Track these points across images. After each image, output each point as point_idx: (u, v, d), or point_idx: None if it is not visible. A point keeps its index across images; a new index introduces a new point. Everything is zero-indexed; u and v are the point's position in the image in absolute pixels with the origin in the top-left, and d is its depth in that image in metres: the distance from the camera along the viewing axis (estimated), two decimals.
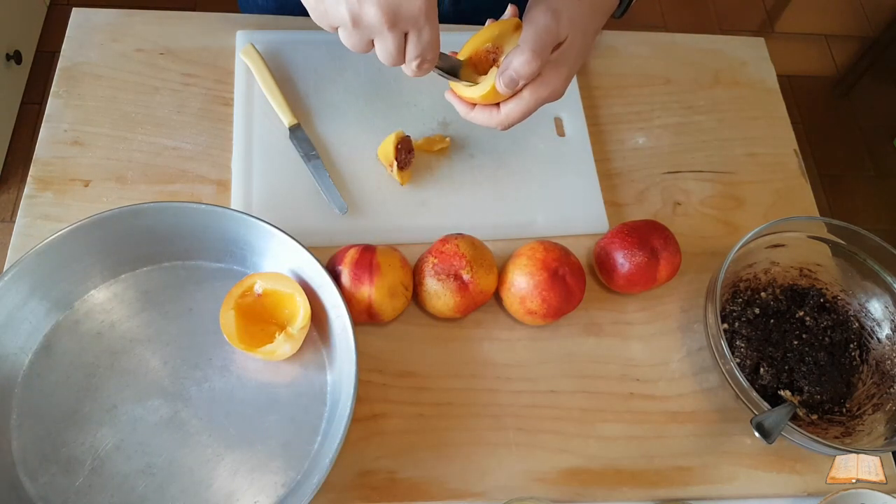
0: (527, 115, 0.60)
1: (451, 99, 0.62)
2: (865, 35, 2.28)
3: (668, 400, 0.67)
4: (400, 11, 0.50)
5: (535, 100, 0.58)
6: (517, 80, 0.56)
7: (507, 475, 0.62)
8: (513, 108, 0.59)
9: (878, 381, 0.68)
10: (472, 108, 0.61)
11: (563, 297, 0.64)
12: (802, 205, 0.80)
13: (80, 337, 0.62)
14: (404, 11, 0.50)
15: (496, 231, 0.72)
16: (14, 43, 1.67)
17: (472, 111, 0.61)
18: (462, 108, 0.62)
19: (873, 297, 0.71)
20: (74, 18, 0.78)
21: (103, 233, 0.61)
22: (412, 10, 0.50)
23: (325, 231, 0.69)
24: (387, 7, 0.50)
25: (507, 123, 0.60)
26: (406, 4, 0.50)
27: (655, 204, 0.77)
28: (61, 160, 0.71)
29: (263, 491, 0.58)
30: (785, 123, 0.85)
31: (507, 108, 0.59)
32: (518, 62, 0.55)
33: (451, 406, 0.64)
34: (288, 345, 0.60)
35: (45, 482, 0.56)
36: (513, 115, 0.59)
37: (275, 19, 0.81)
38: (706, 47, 0.89)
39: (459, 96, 0.61)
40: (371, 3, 0.50)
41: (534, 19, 0.55)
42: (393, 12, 0.50)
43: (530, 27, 0.55)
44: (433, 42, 0.53)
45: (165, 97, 0.75)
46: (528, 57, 0.54)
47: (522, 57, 0.54)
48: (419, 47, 0.53)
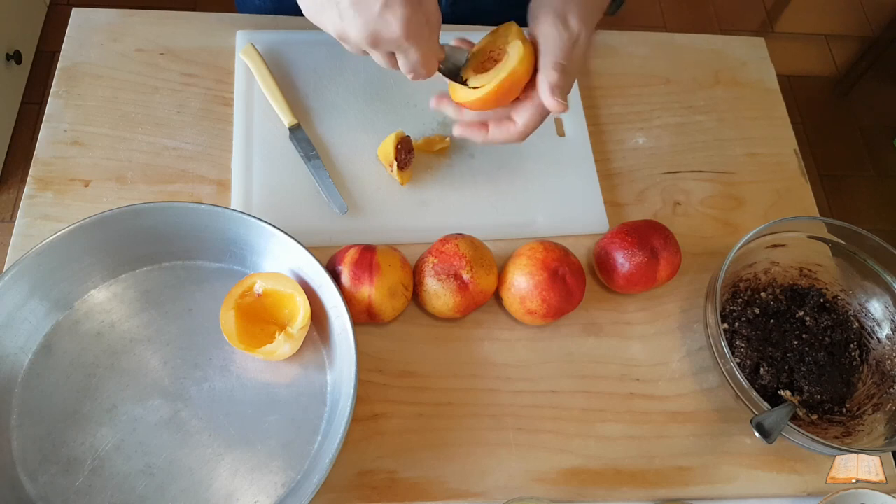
0: (543, 120, 0.60)
1: (463, 132, 0.62)
2: (865, 35, 2.28)
3: (668, 400, 0.67)
4: (380, 36, 0.51)
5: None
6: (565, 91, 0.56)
7: (507, 475, 0.62)
8: (530, 117, 0.59)
9: (878, 381, 0.68)
10: (485, 132, 0.61)
11: (563, 297, 0.64)
12: (802, 205, 0.80)
13: (80, 337, 0.62)
14: (384, 36, 0.51)
15: (496, 231, 0.72)
16: (14, 43, 1.67)
17: (488, 135, 0.61)
18: (479, 136, 0.61)
19: (873, 297, 0.71)
20: (74, 18, 0.78)
21: (103, 233, 0.61)
22: (391, 34, 0.51)
23: (325, 231, 0.69)
24: (366, 32, 0.51)
25: (525, 134, 0.60)
26: (384, 30, 0.51)
27: (655, 204, 0.77)
28: (61, 160, 0.71)
29: (263, 491, 0.58)
30: (785, 123, 0.85)
31: (523, 118, 0.59)
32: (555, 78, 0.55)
33: (451, 406, 0.64)
34: (288, 345, 0.60)
35: (45, 482, 0.56)
36: (531, 124, 0.59)
37: (274, 19, 0.81)
38: (706, 47, 0.89)
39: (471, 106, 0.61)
40: (352, 26, 0.51)
41: (548, 34, 0.55)
42: (373, 36, 0.51)
43: (548, 41, 0.55)
44: (422, 61, 0.54)
45: (165, 97, 0.75)
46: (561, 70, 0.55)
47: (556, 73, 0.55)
48: (407, 65, 0.54)
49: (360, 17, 0.50)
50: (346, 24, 0.51)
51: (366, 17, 0.50)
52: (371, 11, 0.50)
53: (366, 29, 0.51)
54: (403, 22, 0.50)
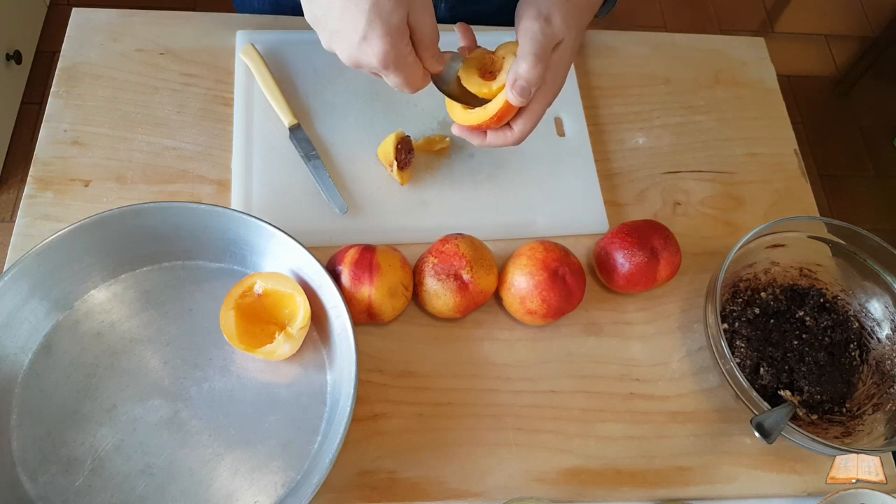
0: (537, 124, 0.60)
1: (461, 133, 0.63)
2: (865, 35, 2.28)
3: (668, 400, 0.67)
4: (361, 61, 0.54)
5: (543, 106, 0.59)
6: (528, 88, 0.55)
7: (507, 475, 0.62)
8: (524, 122, 0.59)
9: (878, 381, 0.68)
10: (484, 136, 0.61)
11: (563, 297, 0.64)
12: (802, 205, 0.80)
13: (80, 337, 0.62)
14: (364, 62, 0.54)
15: (496, 231, 0.72)
16: (14, 43, 1.67)
17: (486, 139, 0.62)
18: (476, 140, 0.62)
19: (873, 297, 0.71)
20: (74, 18, 0.78)
21: (103, 233, 0.61)
22: (370, 61, 0.53)
23: (325, 231, 0.69)
24: (349, 57, 0.54)
25: (521, 138, 0.61)
26: (363, 58, 0.53)
27: (655, 204, 0.77)
28: (61, 160, 0.71)
29: (263, 491, 0.58)
30: (785, 123, 0.85)
31: (519, 125, 0.60)
32: (524, 69, 0.55)
33: (451, 406, 0.64)
34: (288, 345, 0.60)
35: (45, 482, 0.56)
36: (526, 129, 0.60)
37: (274, 19, 0.81)
38: (706, 47, 0.89)
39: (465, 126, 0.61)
40: (338, 48, 0.54)
41: (528, 28, 0.55)
42: (355, 62, 0.54)
43: (526, 35, 0.55)
44: (404, 83, 0.56)
45: (165, 97, 0.75)
46: (532, 62, 0.54)
47: (526, 63, 0.55)
48: (391, 84, 0.57)
49: (342, 42, 0.53)
50: (333, 46, 0.55)
51: (347, 44, 0.53)
52: (351, 42, 0.52)
53: (347, 54, 0.54)
54: (381, 56, 0.52)
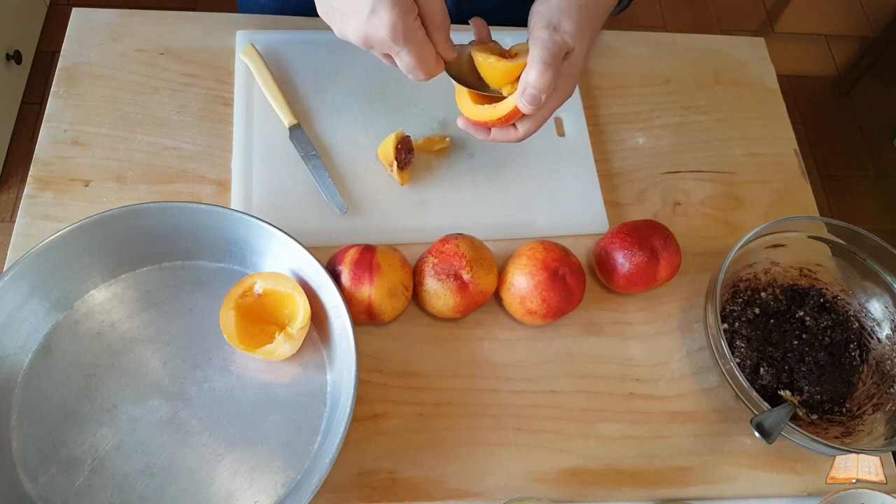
0: (542, 125, 0.61)
1: (466, 127, 0.63)
2: (865, 35, 2.28)
3: (668, 400, 0.67)
4: (370, 39, 0.54)
5: (550, 110, 0.60)
6: (539, 97, 0.56)
7: (507, 475, 0.62)
8: (530, 123, 0.60)
9: (878, 381, 0.68)
10: (488, 132, 0.62)
11: (563, 297, 0.64)
12: (802, 205, 0.80)
13: (80, 337, 0.62)
14: (374, 39, 0.54)
15: (496, 231, 0.72)
16: (14, 43, 1.67)
17: (490, 135, 0.62)
18: (480, 135, 0.63)
19: (873, 297, 0.71)
20: (74, 18, 0.78)
21: (103, 233, 0.61)
22: (379, 37, 0.53)
23: (325, 231, 0.69)
24: (358, 35, 0.54)
25: (525, 137, 0.61)
26: (373, 34, 0.53)
27: (655, 204, 0.77)
28: (61, 160, 0.71)
29: (263, 491, 0.58)
30: (785, 123, 0.85)
31: (524, 125, 0.60)
32: (534, 77, 0.55)
33: (451, 406, 0.64)
34: (288, 345, 0.60)
35: (45, 482, 0.56)
36: (531, 130, 0.61)
37: (275, 19, 0.81)
38: (706, 47, 0.89)
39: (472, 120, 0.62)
40: (349, 28, 0.54)
41: (539, 37, 0.56)
42: (365, 39, 0.54)
43: (536, 43, 0.56)
44: (416, 63, 0.55)
45: (165, 97, 0.75)
46: (541, 69, 0.55)
47: (536, 72, 0.55)
48: (403, 67, 0.56)
49: (353, 20, 0.53)
50: (344, 27, 0.55)
51: (357, 20, 0.53)
52: (361, 16, 0.52)
53: (358, 32, 0.54)
54: (389, 27, 0.52)
